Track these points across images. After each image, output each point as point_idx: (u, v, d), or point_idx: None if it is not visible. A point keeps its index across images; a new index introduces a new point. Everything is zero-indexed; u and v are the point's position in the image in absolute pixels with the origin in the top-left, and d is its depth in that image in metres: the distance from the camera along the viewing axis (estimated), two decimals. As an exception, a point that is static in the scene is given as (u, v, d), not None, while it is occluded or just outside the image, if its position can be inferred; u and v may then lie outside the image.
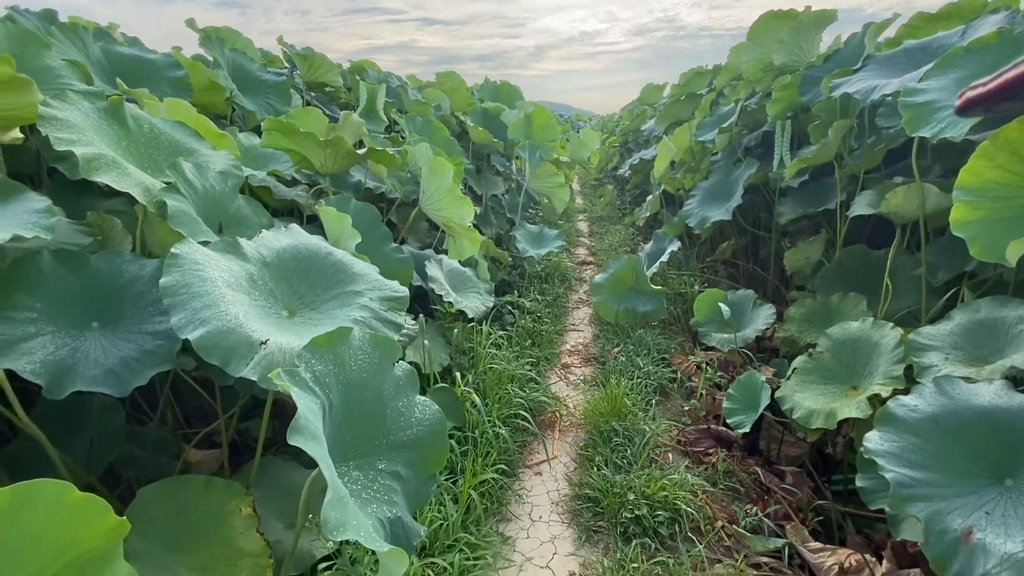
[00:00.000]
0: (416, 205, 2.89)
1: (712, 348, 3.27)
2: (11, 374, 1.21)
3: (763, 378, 2.47)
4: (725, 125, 4.02)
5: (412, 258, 2.51)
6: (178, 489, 1.50)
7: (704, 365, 3.06)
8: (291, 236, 1.56)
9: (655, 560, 1.80)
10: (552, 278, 4.66)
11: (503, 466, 2.22)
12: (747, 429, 2.39)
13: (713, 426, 2.61)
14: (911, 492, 1.27)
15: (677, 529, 1.94)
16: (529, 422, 2.48)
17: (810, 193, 3.30)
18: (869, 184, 2.81)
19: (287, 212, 2.98)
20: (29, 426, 1.24)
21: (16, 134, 1.86)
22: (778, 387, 2.28)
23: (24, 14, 2.64)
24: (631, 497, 2.03)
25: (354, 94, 5.23)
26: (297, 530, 1.20)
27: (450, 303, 2.82)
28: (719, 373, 3.03)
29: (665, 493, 2.04)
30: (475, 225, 3.20)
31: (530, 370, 2.94)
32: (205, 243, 1.39)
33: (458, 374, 2.47)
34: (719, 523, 1.96)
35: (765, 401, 2.34)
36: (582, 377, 3.19)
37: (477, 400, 2.32)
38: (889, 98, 2.63)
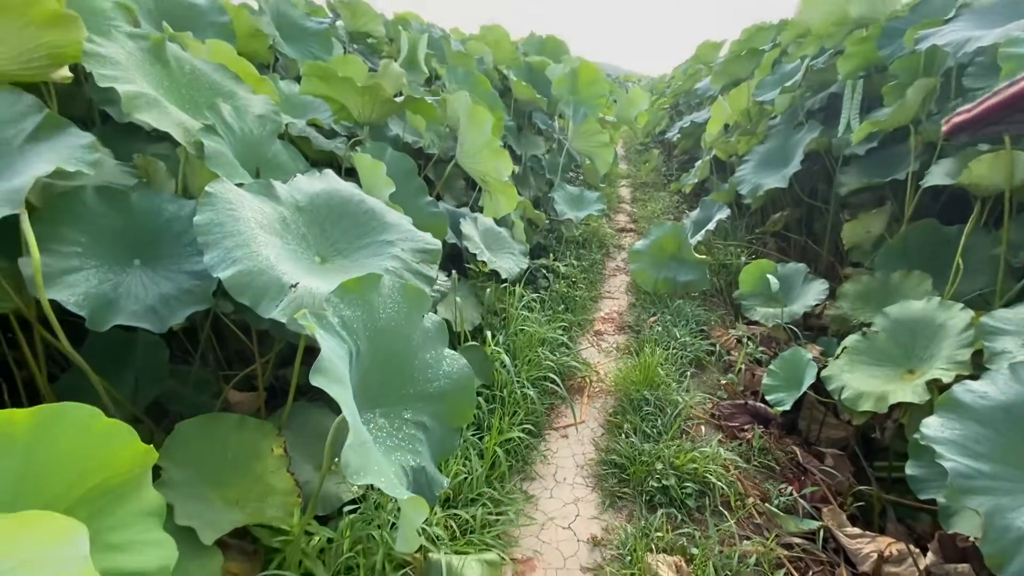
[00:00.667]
0: (453, 160, 2.82)
1: (755, 322, 3.13)
2: (57, 306, 1.26)
3: (809, 356, 2.34)
4: (788, 84, 3.72)
5: (447, 214, 2.47)
6: (214, 425, 1.55)
7: (745, 339, 2.94)
8: (325, 181, 1.53)
9: (681, 531, 1.77)
10: (590, 243, 4.55)
11: (530, 427, 2.21)
12: (787, 407, 2.29)
13: (751, 402, 2.52)
14: (971, 484, 1.17)
15: (706, 502, 1.89)
16: (558, 385, 2.45)
17: (877, 161, 3.03)
18: (947, 153, 2.54)
19: (326, 163, 2.97)
20: (73, 355, 1.29)
21: (65, 72, 1.88)
22: (825, 366, 2.15)
23: (76, -45, 2.65)
24: (659, 466, 1.99)
25: (395, 46, 5.13)
26: (323, 472, 1.22)
27: (484, 262, 2.77)
28: (760, 348, 2.90)
29: (695, 465, 1.99)
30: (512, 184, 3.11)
31: (562, 335, 2.89)
32: (240, 185, 1.37)
33: (489, 334, 2.45)
34: (751, 500, 1.90)
35: (810, 379, 2.22)
36: (615, 345, 3.12)
37: (507, 360, 2.30)
38: (981, 58, 2.33)
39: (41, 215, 1.32)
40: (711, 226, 3.64)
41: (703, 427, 2.35)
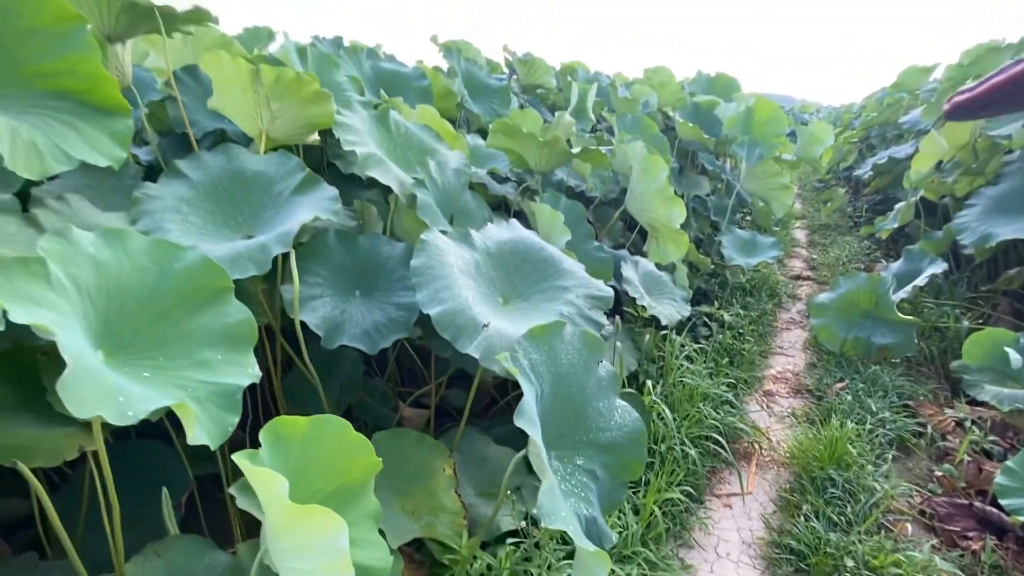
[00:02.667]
0: (616, 204, 2.86)
1: (983, 404, 2.53)
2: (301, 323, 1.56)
3: (1075, 458, 1.82)
4: (1037, 114, 3.04)
5: (612, 258, 2.49)
6: (398, 439, 1.74)
7: (969, 423, 2.39)
8: (512, 230, 1.67)
9: (880, 650, 1.48)
10: (759, 291, 4.17)
11: (689, 489, 2.07)
12: (1038, 520, 1.79)
13: (977, 504, 2.03)
14: None
15: (915, 622, 1.56)
16: (723, 448, 2.26)
17: None
18: None
19: (496, 206, 3.24)
20: (309, 367, 1.57)
21: (315, 137, 2.37)
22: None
23: (321, 41, 3.36)
24: (849, 563, 1.70)
25: (564, 94, 5.42)
26: (498, 502, 1.29)
27: (643, 307, 2.72)
28: (991, 438, 2.34)
29: (900, 572, 1.65)
30: (679, 228, 3.03)
31: (726, 391, 2.68)
32: (443, 232, 1.57)
33: (648, 382, 2.37)
34: (983, 633, 1.52)
35: (1076, 490, 1.72)
36: (789, 409, 2.79)
37: (667, 413, 2.20)
38: None
39: (297, 252, 1.67)
40: (920, 281, 3.09)
41: (909, 525, 1.95)
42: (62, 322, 0.70)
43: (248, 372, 0.97)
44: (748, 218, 5.91)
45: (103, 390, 0.69)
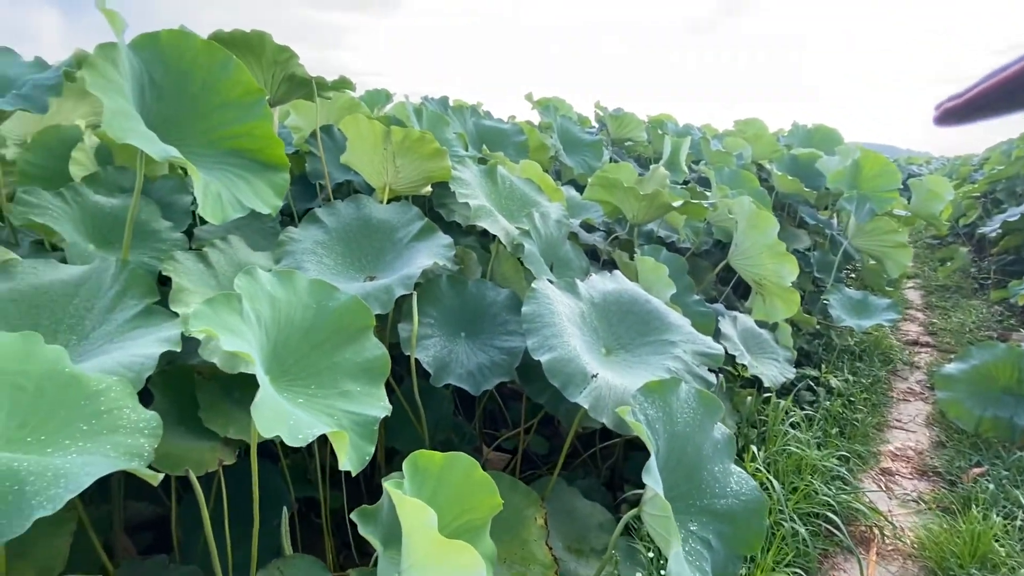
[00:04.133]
0: (709, 257, 2.79)
1: None
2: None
3: None
4: None
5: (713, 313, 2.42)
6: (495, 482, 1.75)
7: None
8: (616, 282, 1.69)
9: None
10: (869, 356, 3.81)
11: (800, 572, 1.87)
12: None
13: None
14: None
15: None
16: (839, 530, 2.03)
17: None
18: None
19: (587, 255, 3.29)
20: (417, 401, 1.65)
21: (428, 188, 2.58)
22: None
23: (430, 101, 3.69)
24: None
25: (653, 146, 5.48)
26: (603, 563, 1.25)
27: (743, 366, 2.58)
28: None
29: None
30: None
31: (838, 464, 2.43)
32: (550, 280, 1.62)
33: (752, 448, 2.22)
34: None
35: None
36: (914, 493, 2.47)
37: (774, 484, 2.03)
38: None
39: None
40: (1077, 356, 2.68)
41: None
42: (252, 351, 0.81)
43: (381, 405, 1.05)
44: (853, 276, 5.49)
45: (279, 413, 0.78)
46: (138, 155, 1.25)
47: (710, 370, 1.58)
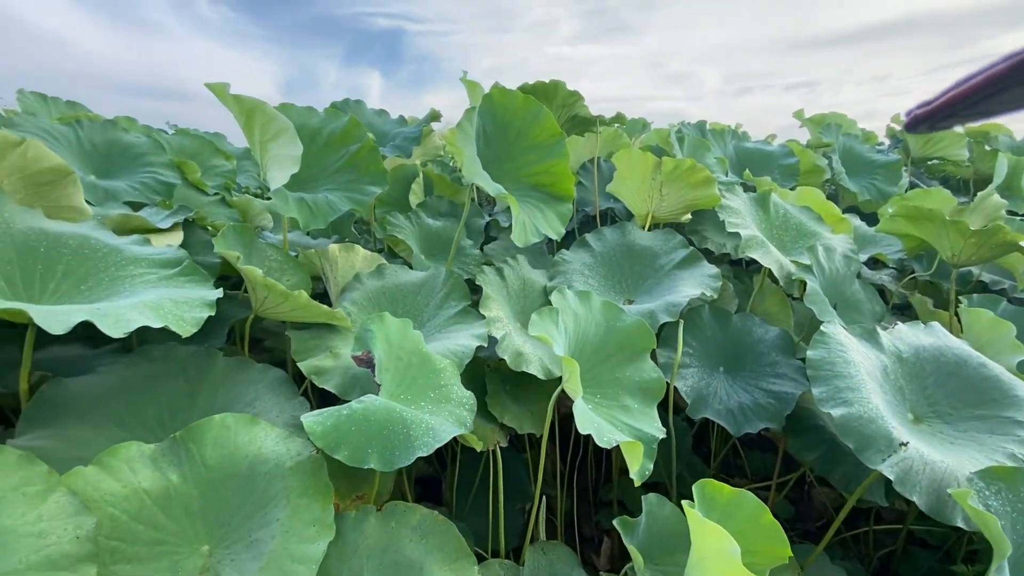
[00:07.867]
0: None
1: None
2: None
3: None
4: None
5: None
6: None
7: None
8: (933, 335, 1.39)
9: None
10: None
11: None
12: None
13: None
14: None
15: None
16: None
17: None
18: None
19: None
20: (671, 430, 1.65)
21: (688, 216, 2.56)
22: None
23: (687, 126, 3.63)
24: None
25: (974, 167, 4.30)
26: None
27: None
28: None
29: None
30: None
31: None
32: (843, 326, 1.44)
33: None
34: None
35: None
36: None
37: None
38: None
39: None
40: None
41: None
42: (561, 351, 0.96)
43: (656, 426, 1.09)
44: None
45: (587, 416, 0.90)
46: (468, 190, 1.59)
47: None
